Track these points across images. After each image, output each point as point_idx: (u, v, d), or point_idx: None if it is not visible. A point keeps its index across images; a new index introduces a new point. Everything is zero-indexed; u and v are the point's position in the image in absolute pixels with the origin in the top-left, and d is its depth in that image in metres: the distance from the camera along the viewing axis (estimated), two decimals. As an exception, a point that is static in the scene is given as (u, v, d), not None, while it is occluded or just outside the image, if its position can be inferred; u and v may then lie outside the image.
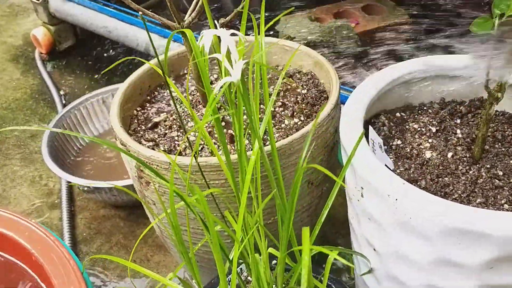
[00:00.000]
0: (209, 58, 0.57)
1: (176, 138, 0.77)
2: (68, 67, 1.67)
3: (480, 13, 0.60)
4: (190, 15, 0.71)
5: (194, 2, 0.74)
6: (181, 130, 0.78)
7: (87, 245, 1.07)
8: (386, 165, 0.65)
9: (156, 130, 0.79)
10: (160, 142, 0.76)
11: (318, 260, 0.84)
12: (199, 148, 0.74)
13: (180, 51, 0.90)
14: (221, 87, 0.46)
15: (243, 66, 0.46)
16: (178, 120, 0.79)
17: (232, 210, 0.62)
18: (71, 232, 1.09)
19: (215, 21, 0.65)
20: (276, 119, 0.78)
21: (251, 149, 0.57)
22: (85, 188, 1.07)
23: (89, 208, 1.15)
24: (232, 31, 0.47)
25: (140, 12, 0.55)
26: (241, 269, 0.72)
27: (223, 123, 0.78)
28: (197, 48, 0.51)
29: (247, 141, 0.73)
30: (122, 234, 1.09)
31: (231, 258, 0.63)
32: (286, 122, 0.77)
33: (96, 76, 1.61)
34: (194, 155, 0.62)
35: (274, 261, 0.71)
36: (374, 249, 0.65)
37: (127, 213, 1.13)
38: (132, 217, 1.12)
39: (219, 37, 0.47)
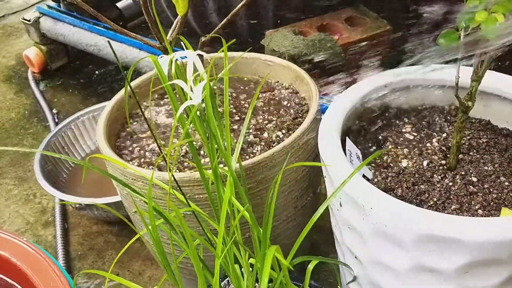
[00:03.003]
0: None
1: (162, 153, 0.79)
2: (60, 86, 1.69)
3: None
4: (171, 34, 0.73)
5: (175, 22, 0.76)
6: (166, 146, 0.80)
7: (81, 261, 1.09)
8: (364, 175, 0.67)
9: (142, 146, 0.81)
10: (147, 158, 0.78)
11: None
12: (181, 162, 0.75)
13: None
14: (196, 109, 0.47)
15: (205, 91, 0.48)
16: (160, 136, 0.81)
17: (213, 223, 0.64)
18: (65, 249, 1.10)
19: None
20: (259, 132, 0.80)
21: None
22: (78, 205, 1.08)
23: (82, 224, 1.17)
24: (198, 52, 0.49)
25: (108, 40, 0.57)
26: (228, 281, 0.73)
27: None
28: (162, 72, 0.53)
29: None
30: (115, 250, 1.10)
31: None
32: (268, 135, 0.79)
33: (88, 94, 1.63)
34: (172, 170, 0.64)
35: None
36: (356, 257, 0.67)
37: (119, 229, 1.14)
38: (125, 232, 1.14)
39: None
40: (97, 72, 1.70)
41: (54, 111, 1.56)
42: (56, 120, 1.51)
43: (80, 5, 0.71)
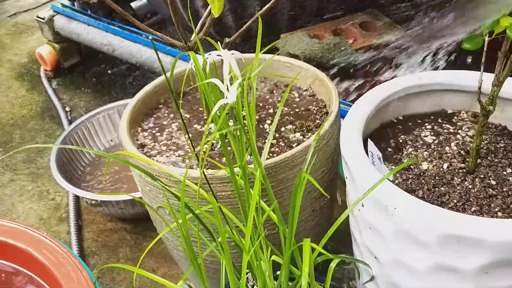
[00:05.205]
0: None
1: (182, 152, 0.80)
2: (73, 84, 1.71)
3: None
4: (198, 34, 0.74)
5: (200, 22, 0.77)
6: (187, 145, 0.81)
7: (95, 258, 1.10)
8: (385, 176, 0.68)
9: (163, 143, 0.82)
10: (168, 155, 0.79)
11: (321, 269, 0.86)
12: (202, 161, 0.77)
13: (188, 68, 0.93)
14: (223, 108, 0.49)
15: (239, 89, 0.49)
16: (184, 134, 0.83)
17: (237, 221, 0.65)
18: (79, 245, 1.11)
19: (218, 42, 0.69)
20: (278, 133, 0.81)
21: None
22: (93, 202, 1.10)
23: (96, 221, 1.18)
24: (233, 51, 0.50)
25: (150, 37, 0.59)
26: (247, 278, 0.74)
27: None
28: (200, 70, 0.54)
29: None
30: (128, 247, 1.11)
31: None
32: (289, 136, 0.80)
33: (100, 92, 1.65)
34: (202, 168, 0.65)
35: (278, 271, 0.73)
36: (375, 257, 0.68)
37: (133, 226, 1.16)
38: (139, 229, 1.15)
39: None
40: (109, 71, 1.72)
41: (67, 109, 1.57)
42: (69, 118, 1.52)
43: (108, 3, 0.72)
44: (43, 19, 1.63)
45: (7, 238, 0.79)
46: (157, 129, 0.86)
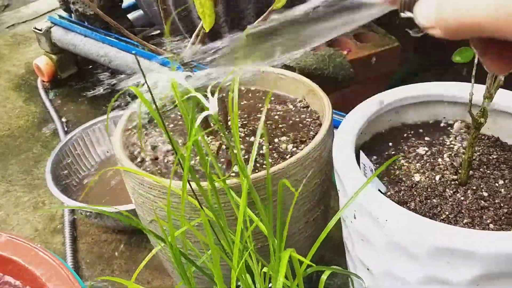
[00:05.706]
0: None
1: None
2: (69, 95, 1.71)
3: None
4: (190, 47, 0.75)
5: (194, 35, 0.78)
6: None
7: (89, 270, 1.09)
8: (378, 189, 0.68)
9: (156, 154, 0.82)
10: (162, 167, 0.79)
11: (316, 281, 0.86)
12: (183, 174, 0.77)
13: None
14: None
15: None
16: (175, 146, 0.83)
17: (228, 234, 0.65)
18: (73, 256, 1.11)
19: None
20: (271, 144, 0.81)
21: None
22: (88, 213, 1.09)
23: (91, 233, 1.18)
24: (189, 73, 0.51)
25: (133, 52, 0.59)
26: (239, 290, 0.74)
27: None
28: (176, 87, 0.54)
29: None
30: (123, 259, 1.11)
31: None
32: (282, 147, 0.80)
33: (98, 103, 1.65)
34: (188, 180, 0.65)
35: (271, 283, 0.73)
36: (368, 269, 0.68)
37: (128, 238, 1.15)
38: (134, 241, 1.15)
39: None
40: (106, 82, 1.72)
41: (63, 119, 1.58)
42: (66, 129, 1.52)
43: (102, 17, 0.73)
44: (41, 30, 1.64)
45: (-1, 250, 0.79)
46: (151, 140, 0.86)
